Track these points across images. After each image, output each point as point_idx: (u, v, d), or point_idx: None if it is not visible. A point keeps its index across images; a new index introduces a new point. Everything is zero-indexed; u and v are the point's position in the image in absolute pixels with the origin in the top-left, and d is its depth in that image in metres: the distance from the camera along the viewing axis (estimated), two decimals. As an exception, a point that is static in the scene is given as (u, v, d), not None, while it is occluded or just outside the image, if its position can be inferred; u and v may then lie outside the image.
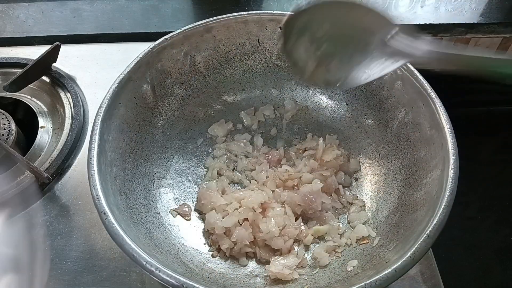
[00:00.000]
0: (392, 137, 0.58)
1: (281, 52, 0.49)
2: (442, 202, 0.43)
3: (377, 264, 0.47)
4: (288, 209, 0.56)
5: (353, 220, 0.56)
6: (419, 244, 0.40)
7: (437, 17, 0.74)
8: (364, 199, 0.58)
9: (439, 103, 0.50)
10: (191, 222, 0.56)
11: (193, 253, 0.52)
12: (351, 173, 0.61)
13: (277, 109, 0.67)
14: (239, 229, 0.53)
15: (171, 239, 0.52)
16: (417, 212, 0.48)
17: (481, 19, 0.74)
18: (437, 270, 0.57)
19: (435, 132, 0.50)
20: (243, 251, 0.53)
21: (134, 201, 0.52)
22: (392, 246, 0.48)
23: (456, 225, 0.68)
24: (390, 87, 0.57)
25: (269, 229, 0.52)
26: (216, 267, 0.52)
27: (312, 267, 0.53)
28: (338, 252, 0.53)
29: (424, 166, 0.51)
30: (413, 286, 0.54)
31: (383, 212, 0.55)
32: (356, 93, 0.62)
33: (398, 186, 0.55)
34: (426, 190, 0.49)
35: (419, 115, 0.53)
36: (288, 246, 0.53)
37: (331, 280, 0.49)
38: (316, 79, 0.46)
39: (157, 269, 0.39)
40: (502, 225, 0.72)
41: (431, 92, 0.51)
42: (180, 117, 0.63)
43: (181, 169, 0.61)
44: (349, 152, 0.62)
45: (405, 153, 0.55)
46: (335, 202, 0.58)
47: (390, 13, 0.39)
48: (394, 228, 0.51)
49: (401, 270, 0.39)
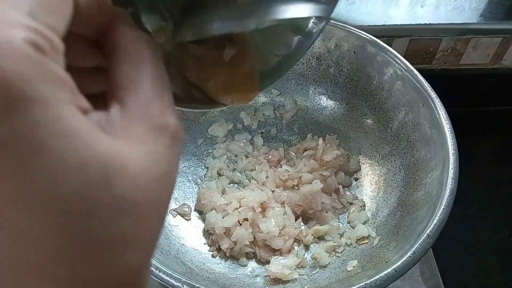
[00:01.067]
0: (392, 137, 0.58)
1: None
2: (442, 202, 0.43)
3: (377, 264, 0.47)
4: (288, 209, 0.56)
5: (353, 220, 0.56)
6: (419, 244, 0.40)
7: (437, 17, 0.74)
8: (364, 199, 0.58)
9: (439, 103, 0.50)
10: (191, 222, 0.56)
11: (193, 253, 0.52)
12: (351, 173, 0.61)
13: (277, 109, 0.67)
14: (239, 229, 0.53)
15: (171, 239, 0.52)
16: (417, 212, 0.48)
17: (481, 19, 0.74)
18: (437, 270, 0.57)
19: (435, 132, 0.50)
20: (243, 251, 0.53)
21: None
22: (392, 246, 0.48)
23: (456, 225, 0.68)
24: (390, 87, 0.57)
25: (269, 229, 0.52)
26: (216, 267, 0.52)
27: (312, 267, 0.53)
28: (338, 252, 0.53)
29: (424, 166, 0.51)
30: (413, 286, 0.54)
31: (383, 212, 0.55)
32: (356, 93, 0.62)
33: (398, 186, 0.55)
34: (426, 190, 0.49)
35: (419, 115, 0.53)
36: (288, 246, 0.53)
37: (331, 280, 0.49)
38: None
39: (157, 269, 0.39)
40: (502, 225, 0.72)
41: (431, 92, 0.51)
42: (180, 117, 0.63)
43: (181, 169, 0.61)
44: (349, 152, 0.62)
45: (405, 153, 0.55)
46: (335, 202, 0.58)
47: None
48: (394, 228, 0.51)
49: (401, 270, 0.39)
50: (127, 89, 0.17)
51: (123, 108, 0.16)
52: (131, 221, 0.14)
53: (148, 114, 0.16)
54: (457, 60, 0.79)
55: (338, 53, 0.61)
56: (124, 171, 0.14)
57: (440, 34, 0.75)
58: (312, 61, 0.63)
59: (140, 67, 0.17)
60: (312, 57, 0.63)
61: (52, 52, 0.14)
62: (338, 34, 0.59)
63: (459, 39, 0.76)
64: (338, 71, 0.62)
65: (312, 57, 0.63)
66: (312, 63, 0.63)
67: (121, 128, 0.15)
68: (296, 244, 0.55)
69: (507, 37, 0.76)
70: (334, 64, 0.62)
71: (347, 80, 0.62)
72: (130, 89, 0.17)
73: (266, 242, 0.53)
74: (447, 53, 0.78)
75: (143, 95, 0.17)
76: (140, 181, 0.14)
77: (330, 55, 0.61)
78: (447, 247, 0.66)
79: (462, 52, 0.78)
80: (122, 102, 0.16)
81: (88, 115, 0.15)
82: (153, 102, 0.17)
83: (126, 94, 0.17)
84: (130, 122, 0.16)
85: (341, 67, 0.61)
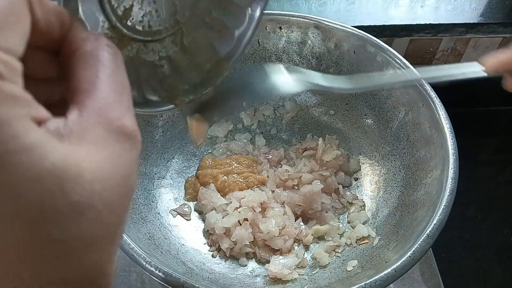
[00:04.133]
0: (392, 137, 0.58)
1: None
2: (442, 202, 0.43)
3: (377, 264, 0.47)
4: (288, 209, 0.56)
5: (353, 220, 0.56)
6: (419, 244, 0.40)
7: (437, 17, 0.74)
8: (364, 199, 0.58)
9: (439, 103, 0.50)
10: (191, 222, 0.56)
11: (193, 253, 0.52)
12: (351, 173, 0.61)
13: (277, 109, 0.67)
14: (239, 229, 0.53)
15: (171, 239, 0.52)
16: (417, 212, 0.48)
17: (481, 19, 0.74)
18: (437, 270, 0.57)
19: (435, 132, 0.50)
20: (243, 251, 0.53)
21: (134, 201, 0.52)
22: (392, 246, 0.48)
23: (456, 225, 0.68)
24: (390, 87, 0.57)
25: (269, 229, 0.52)
26: (216, 267, 0.52)
27: (312, 267, 0.53)
28: (338, 252, 0.53)
29: (424, 166, 0.51)
30: (413, 286, 0.54)
31: (383, 212, 0.55)
32: (356, 93, 0.62)
33: (398, 186, 0.55)
34: (426, 190, 0.49)
35: (419, 115, 0.53)
36: (288, 246, 0.53)
37: (331, 280, 0.49)
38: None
39: (157, 269, 0.39)
40: (502, 225, 0.72)
41: (431, 92, 0.51)
42: (180, 117, 0.63)
43: (181, 169, 0.61)
44: (349, 152, 0.62)
45: (405, 153, 0.55)
46: (335, 202, 0.58)
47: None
48: (394, 228, 0.51)
49: (401, 270, 0.39)
50: (85, 93, 0.17)
51: (81, 113, 0.16)
52: (89, 224, 0.15)
53: (107, 118, 0.16)
54: (457, 60, 0.79)
55: (338, 53, 0.61)
56: (79, 178, 0.15)
57: (440, 34, 0.75)
58: (312, 61, 0.63)
59: (98, 70, 0.17)
60: (312, 57, 0.63)
61: (8, 74, 0.14)
62: (338, 34, 0.59)
63: (459, 39, 0.76)
64: (338, 71, 0.62)
65: (312, 57, 0.63)
66: (312, 63, 0.63)
67: (78, 133, 0.16)
68: (296, 244, 0.55)
69: (507, 37, 0.76)
70: (334, 64, 0.62)
71: (347, 80, 0.62)
72: (87, 93, 0.17)
73: (266, 242, 0.53)
74: (447, 53, 0.78)
75: (101, 99, 0.17)
76: (97, 185, 0.15)
77: (330, 55, 0.61)
78: (447, 247, 0.66)
79: (462, 52, 0.78)
80: (81, 107, 0.17)
81: (46, 123, 0.15)
82: (111, 105, 0.17)
83: (84, 98, 0.17)
84: (88, 126, 0.16)
85: (341, 67, 0.61)
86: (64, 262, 0.15)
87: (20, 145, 0.14)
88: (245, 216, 0.54)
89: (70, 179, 0.14)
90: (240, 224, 0.54)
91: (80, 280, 0.16)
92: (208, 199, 0.56)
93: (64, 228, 0.14)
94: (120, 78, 0.18)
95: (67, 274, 0.15)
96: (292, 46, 0.63)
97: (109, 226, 0.16)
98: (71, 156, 0.15)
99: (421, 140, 0.53)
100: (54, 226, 0.14)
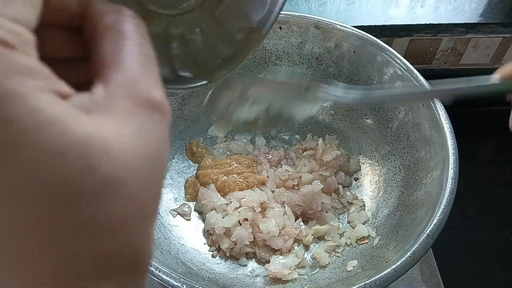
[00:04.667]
0: (392, 137, 0.58)
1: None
2: (442, 202, 0.43)
3: (377, 264, 0.47)
4: (288, 209, 0.56)
5: (353, 220, 0.56)
6: (419, 244, 0.41)
7: (437, 17, 0.74)
8: (364, 199, 0.58)
9: (439, 103, 0.50)
10: (191, 222, 0.56)
11: (193, 253, 0.52)
12: (351, 173, 0.61)
13: (277, 109, 0.67)
14: (239, 229, 0.53)
15: (171, 239, 0.52)
16: (417, 212, 0.48)
17: (481, 19, 0.74)
18: (437, 270, 0.57)
19: (435, 132, 0.50)
20: (243, 251, 0.53)
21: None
22: (392, 246, 0.48)
23: (456, 225, 0.68)
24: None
25: (269, 229, 0.52)
26: (216, 267, 0.52)
27: (312, 267, 0.53)
28: (338, 252, 0.53)
29: (424, 166, 0.51)
30: (413, 286, 0.54)
31: (383, 212, 0.55)
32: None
33: (398, 186, 0.55)
34: (426, 190, 0.49)
35: (419, 115, 0.53)
36: (288, 246, 0.53)
37: (331, 280, 0.49)
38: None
39: (157, 269, 0.39)
40: (502, 225, 0.72)
41: (431, 92, 0.51)
42: (180, 117, 0.63)
43: (181, 169, 0.61)
44: (349, 152, 0.62)
45: (405, 153, 0.55)
46: (335, 202, 0.58)
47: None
48: (394, 228, 0.51)
49: (401, 270, 0.40)
50: (109, 66, 0.16)
51: (106, 86, 0.16)
52: (121, 201, 0.14)
53: (134, 90, 0.16)
54: (457, 60, 0.79)
55: (338, 53, 0.61)
56: (107, 152, 0.14)
57: (440, 34, 0.75)
58: (312, 61, 0.63)
59: (122, 42, 0.17)
60: (312, 57, 0.63)
61: (20, 45, 0.13)
62: (338, 34, 0.59)
63: (459, 39, 0.76)
64: (338, 71, 0.62)
65: (312, 57, 0.63)
66: (312, 63, 0.63)
67: (105, 106, 0.15)
68: (296, 244, 0.55)
69: (507, 37, 0.76)
70: (334, 64, 0.62)
71: (347, 80, 0.62)
72: (112, 66, 0.16)
73: (266, 242, 0.53)
74: (447, 53, 0.78)
75: (127, 71, 0.16)
76: (126, 159, 0.14)
77: (330, 55, 0.61)
78: (447, 247, 0.66)
79: (462, 52, 0.78)
80: (106, 80, 0.16)
81: (70, 98, 0.14)
82: (138, 77, 0.16)
83: (109, 72, 0.16)
84: (115, 99, 0.15)
85: (341, 67, 0.61)
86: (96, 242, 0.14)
87: (41, 119, 0.13)
88: (245, 216, 0.54)
89: (97, 154, 0.13)
90: (240, 224, 0.54)
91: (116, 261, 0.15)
92: (208, 199, 0.56)
93: (93, 205, 0.13)
94: (145, 50, 0.17)
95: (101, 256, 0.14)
96: (292, 46, 0.63)
97: (143, 203, 0.15)
98: (98, 129, 0.14)
99: (421, 140, 0.53)
100: (83, 205, 0.13)
